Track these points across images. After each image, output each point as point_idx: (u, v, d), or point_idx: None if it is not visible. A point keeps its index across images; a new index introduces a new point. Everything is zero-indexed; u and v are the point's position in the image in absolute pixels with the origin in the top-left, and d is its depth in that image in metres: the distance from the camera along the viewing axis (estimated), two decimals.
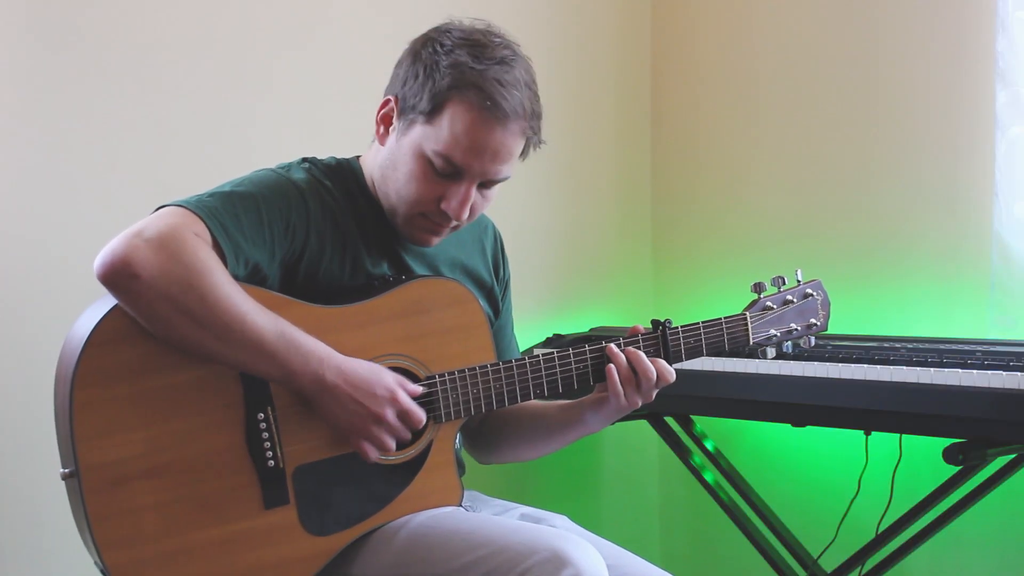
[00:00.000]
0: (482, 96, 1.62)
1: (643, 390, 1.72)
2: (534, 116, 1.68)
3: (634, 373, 1.71)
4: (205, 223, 1.54)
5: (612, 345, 1.73)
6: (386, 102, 1.71)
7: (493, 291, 1.92)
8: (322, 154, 1.80)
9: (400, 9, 2.67)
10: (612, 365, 1.71)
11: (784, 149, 3.04)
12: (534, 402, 1.83)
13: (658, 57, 3.29)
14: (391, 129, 1.70)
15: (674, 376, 1.74)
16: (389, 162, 1.70)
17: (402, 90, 1.67)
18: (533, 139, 1.70)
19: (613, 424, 2.71)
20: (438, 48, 1.65)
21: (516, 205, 2.91)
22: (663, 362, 1.73)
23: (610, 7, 3.21)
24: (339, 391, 1.55)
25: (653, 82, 3.30)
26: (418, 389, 1.63)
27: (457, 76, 1.62)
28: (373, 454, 1.60)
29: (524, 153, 1.71)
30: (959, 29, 2.69)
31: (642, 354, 1.72)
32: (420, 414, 1.61)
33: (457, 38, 1.66)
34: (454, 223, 1.70)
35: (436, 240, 1.74)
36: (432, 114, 1.64)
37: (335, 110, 2.58)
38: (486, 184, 1.69)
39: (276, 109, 2.53)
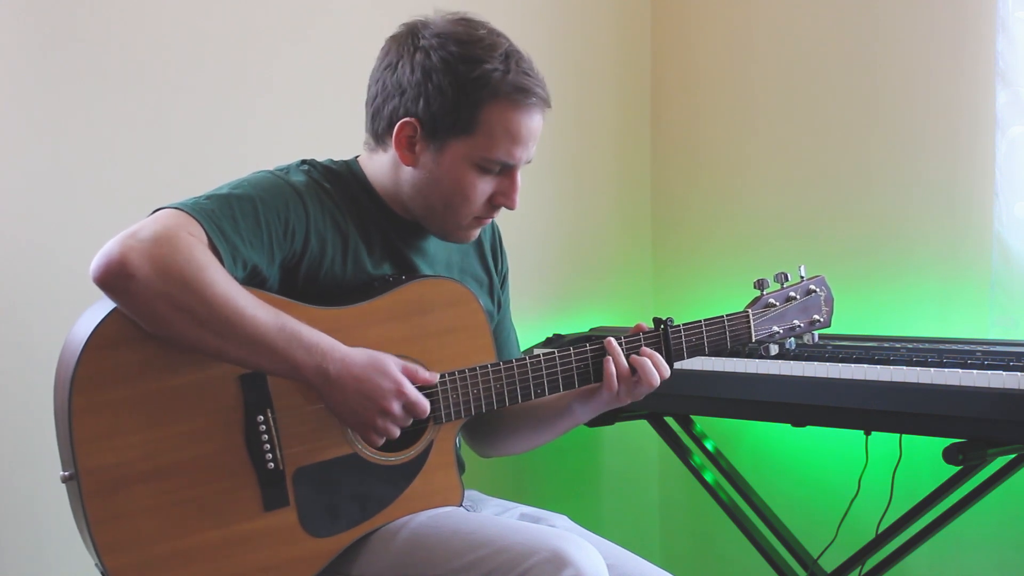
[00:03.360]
0: (525, 94, 1.66)
1: (637, 391, 1.73)
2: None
3: (632, 371, 1.72)
4: (201, 225, 1.53)
5: (611, 339, 1.73)
6: (405, 124, 1.68)
7: (493, 285, 1.92)
8: (321, 154, 1.80)
9: (399, 6, 2.66)
10: (610, 358, 1.72)
11: (784, 149, 3.04)
12: None
13: (658, 57, 3.29)
14: (418, 150, 1.69)
15: (668, 372, 1.74)
16: (428, 180, 1.70)
17: (426, 111, 1.66)
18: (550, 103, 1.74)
19: (613, 424, 2.74)
20: (448, 59, 1.64)
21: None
22: (659, 357, 1.73)
23: (610, 7, 3.21)
24: (344, 383, 1.55)
25: (653, 82, 3.30)
26: (432, 378, 1.64)
27: (493, 85, 1.64)
28: (379, 442, 1.61)
29: None
30: (959, 29, 2.69)
31: (644, 359, 1.73)
32: (425, 404, 1.61)
33: (458, 43, 1.65)
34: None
35: (479, 230, 1.79)
36: (470, 126, 1.65)
37: (334, 110, 2.58)
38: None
39: (275, 109, 2.53)
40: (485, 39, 1.67)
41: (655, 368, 1.72)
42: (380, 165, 1.74)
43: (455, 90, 1.64)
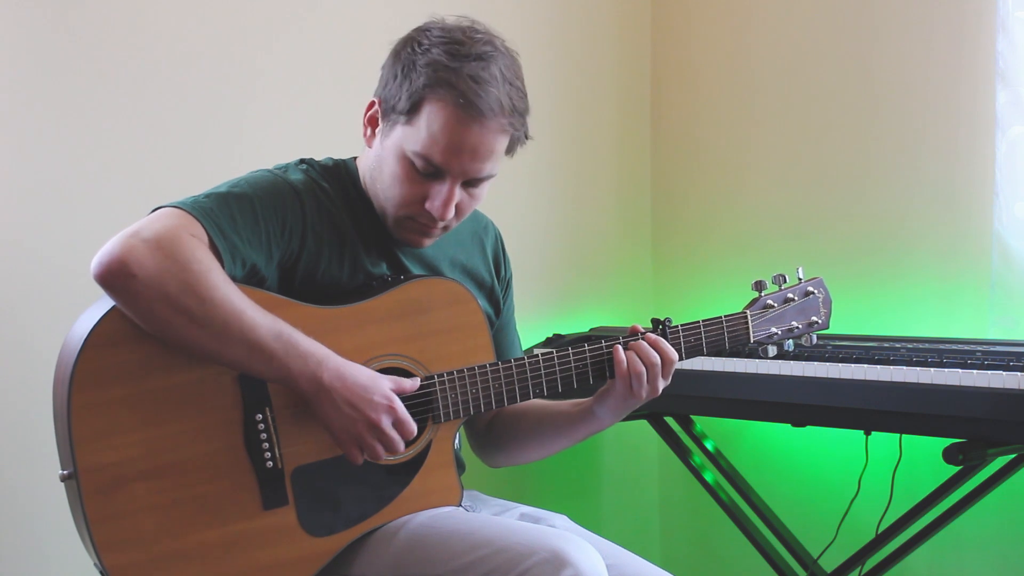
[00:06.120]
0: (455, 94, 1.60)
1: (650, 377, 1.72)
2: (515, 112, 1.65)
3: (642, 364, 1.72)
4: (201, 224, 1.54)
5: (618, 346, 1.73)
6: (371, 104, 1.70)
7: (494, 290, 1.91)
8: (318, 153, 1.80)
9: (396, 4, 2.67)
10: (620, 347, 1.72)
11: (784, 149, 3.04)
12: (543, 401, 1.83)
13: (658, 57, 3.29)
14: (376, 131, 1.70)
15: (676, 355, 1.74)
16: (376, 164, 1.70)
17: (384, 92, 1.67)
18: (517, 135, 1.68)
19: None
20: (416, 48, 1.64)
21: (516, 205, 2.91)
22: (664, 343, 1.73)
23: (610, 7, 3.21)
24: (336, 393, 1.55)
25: (653, 82, 3.30)
26: (415, 384, 1.63)
27: (431, 75, 1.61)
28: (360, 459, 1.60)
29: (510, 150, 1.70)
30: (959, 29, 2.69)
31: (645, 345, 1.72)
32: (412, 426, 1.60)
33: (435, 37, 1.64)
34: (442, 224, 1.69)
35: (428, 241, 1.73)
36: (410, 114, 1.63)
37: (331, 108, 2.58)
38: (471, 183, 1.67)
39: (271, 108, 2.53)
40: (460, 39, 1.64)
41: (663, 350, 1.72)
42: (364, 157, 1.75)
43: (403, 73, 1.63)
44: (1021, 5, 2.53)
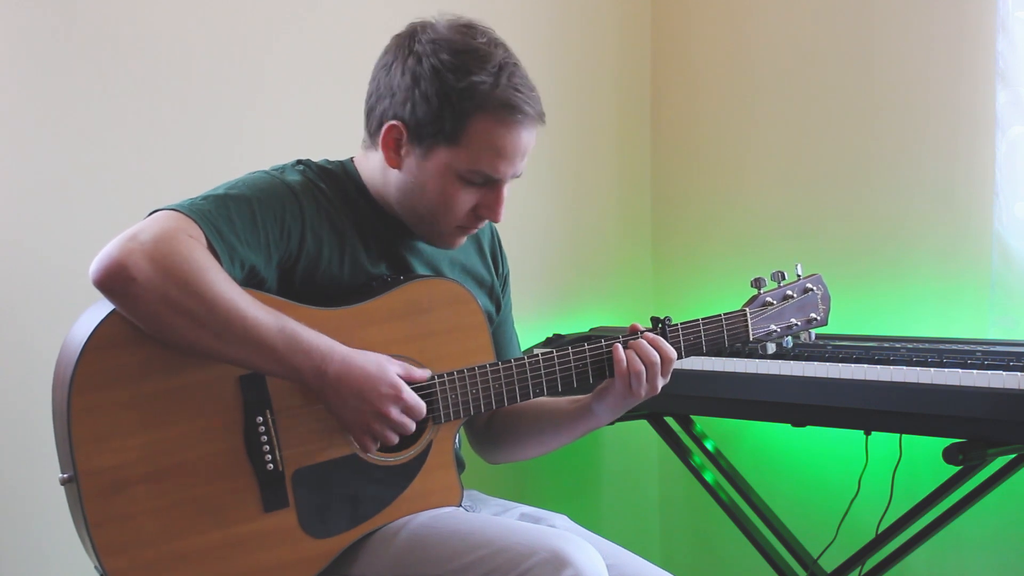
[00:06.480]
0: (511, 110, 1.63)
1: (650, 376, 1.72)
2: (540, 101, 1.70)
3: (642, 363, 1.72)
4: (199, 226, 1.53)
5: (618, 344, 1.73)
6: (391, 127, 1.68)
7: (493, 287, 1.92)
8: (316, 154, 1.80)
9: (395, 2, 2.66)
10: (619, 346, 1.72)
11: (784, 149, 3.04)
12: (541, 399, 1.83)
13: (658, 57, 3.29)
14: (403, 153, 1.69)
15: (675, 353, 1.74)
16: (413, 185, 1.69)
17: (412, 116, 1.65)
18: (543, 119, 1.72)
19: (614, 423, 2.74)
20: (438, 67, 1.63)
21: (516, 205, 2.89)
22: (663, 342, 1.73)
23: (610, 7, 3.21)
24: (342, 386, 1.55)
25: (653, 82, 3.30)
26: (424, 375, 1.64)
27: (480, 98, 1.62)
28: (373, 448, 1.61)
29: None
30: (959, 29, 2.69)
31: (644, 343, 1.72)
32: (422, 407, 1.61)
33: (451, 51, 1.63)
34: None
35: (464, 240, 1.77)
36: (455, 136, 1.64)
37: (329, 109, 2.58)
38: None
39: (269, 109, 2.53)
40: (479, 49, 1.64)
41: (663, 349, 1.72)
42: (373, 165, 1.74)
43: (440, 99, 1.63)
44: (1021, 5, 2.53)
